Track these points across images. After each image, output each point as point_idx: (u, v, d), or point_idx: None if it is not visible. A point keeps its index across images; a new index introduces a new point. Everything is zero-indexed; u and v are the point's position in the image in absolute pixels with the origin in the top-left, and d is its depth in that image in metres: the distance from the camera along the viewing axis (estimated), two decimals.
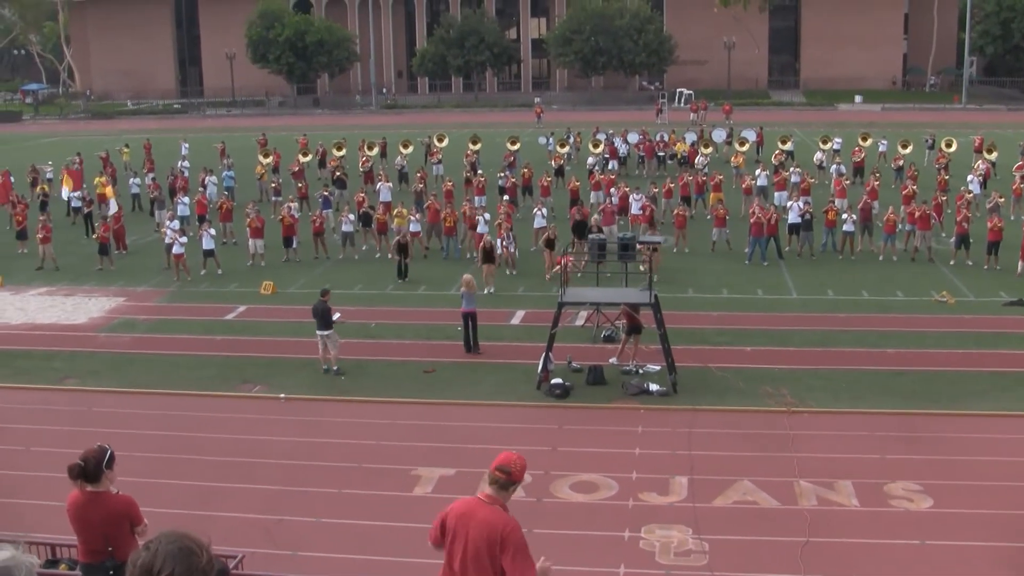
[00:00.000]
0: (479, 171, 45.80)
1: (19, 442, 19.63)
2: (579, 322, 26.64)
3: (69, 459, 9.44)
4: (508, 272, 32.13)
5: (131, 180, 46.60)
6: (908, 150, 48.97)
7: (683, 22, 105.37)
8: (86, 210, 40.86)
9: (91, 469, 9.25)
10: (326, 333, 23.35)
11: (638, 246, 25.26)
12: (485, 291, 29.52)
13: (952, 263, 32.35)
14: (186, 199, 39.89)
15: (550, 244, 31.38)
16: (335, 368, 23.50)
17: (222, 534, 14.44)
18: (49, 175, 48.94)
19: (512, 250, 32.72)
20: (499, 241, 31.52)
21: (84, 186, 43.79)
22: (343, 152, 51.63)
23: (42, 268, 34.07)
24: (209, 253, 32.93)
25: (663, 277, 29.88)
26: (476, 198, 39.52)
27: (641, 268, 25.97)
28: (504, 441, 19.02)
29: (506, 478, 7.90)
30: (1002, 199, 36.91)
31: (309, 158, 50.94)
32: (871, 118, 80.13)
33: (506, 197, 39.04)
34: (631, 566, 14.48)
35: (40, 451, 18.82)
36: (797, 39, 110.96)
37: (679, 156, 51.90)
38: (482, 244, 30.92)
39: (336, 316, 23.11)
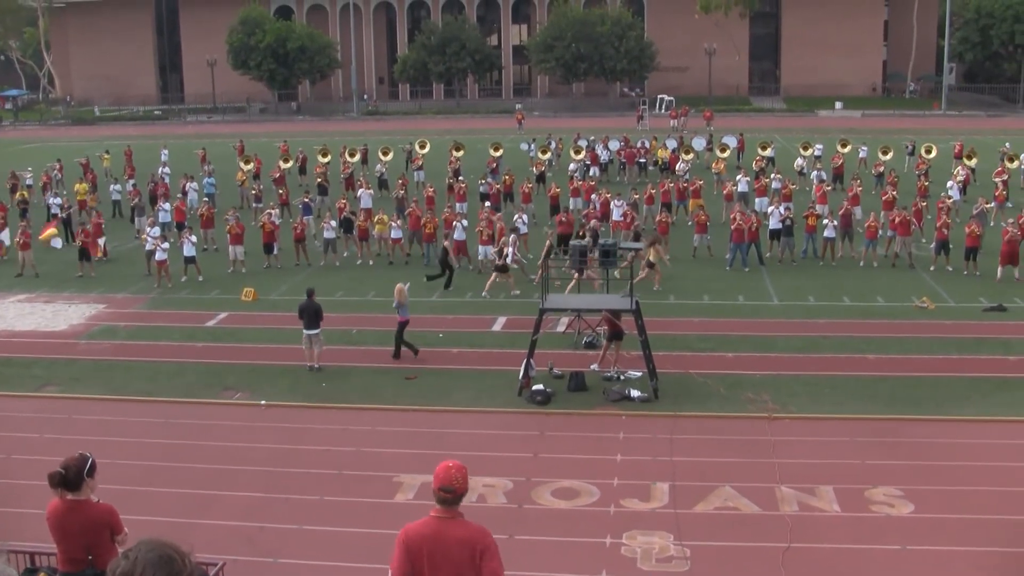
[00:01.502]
0: (460, 177, 45.86)
1: None
2: (560, 328, 26.65)
3: (49, 467, 9.39)
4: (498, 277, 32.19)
5: (112, 187, 46.44)
6: (888, 156, 49.23)
7: (664, 28, 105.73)
8: (63, 215, 40.76)
9: (72, 477, 9.21)
10: (314, 332, 23.53)
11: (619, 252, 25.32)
12: (512, 293, 30.32)
13: (932, 269, 32.49)
14: (167, 206, 39.76)
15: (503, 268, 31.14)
16: (317, 365, 23.70)
17: (204, 541, 14.39)
18: (29, 182, 48.76)
19: (492, 257, 32.74)
20: (510, 250, 31.23)
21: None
22: (328, 158, 51.59)
23: (21, 275, 33.90)
24: (190, 260, 32.82)
25: (645, 284, 29.92)
26: (457, 204, 39.52)
27: (618, 275, 26.00)
28: (486, 447, 19.06)
29: (452, 496, 7.78)
30: (988, 205, 37.13)
31: (290, 164, 50.86)
32: (851, 124, 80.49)
33: (488, 204, 39.05)
34: (613, 572, 14.48)
35: (20, 459, 18.72)
36: (778, 46, 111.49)
37: (660, 162, 52.07)
38: (502, 255, 30.88)
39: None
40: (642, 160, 52.66)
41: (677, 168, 48.34)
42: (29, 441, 19.91)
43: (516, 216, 35.92)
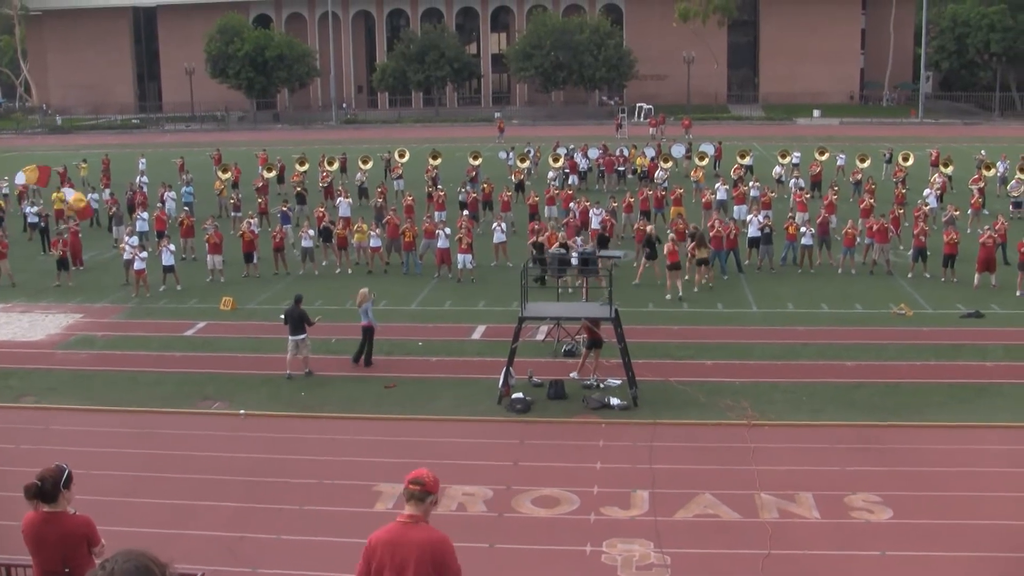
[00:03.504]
0: (439, 186, 45.85)
1: None
2: (540, 337, 26.65)
3: (26, 478, 9.32)
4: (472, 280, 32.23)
5: (89, 196, 46.21)
6: (866, 164, 49.39)
7: (643, 37, 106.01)
8: (42, 224, 40.60)
9: (48, 489, 9.13)
10: (300, 338, 23.70)
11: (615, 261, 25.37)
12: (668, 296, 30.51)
13: (910, 276, 32.63)
14: (145, 215, 39.62)
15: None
16: (306, 370, 23.87)
17: (183, 552, 14.33)
18: (5, 191, 48.49)
19: (471, 265, 32.96)
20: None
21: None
22: (306, 167, 51.51)
23: None
24: (169, 269, 32.68)
25: (623, 292, 29.97)
26: (436, 213, 39.50)
27: (603, 284, 26.05)
28: (466, 456, 19.03)
29: (420, 489, 8.10)
30: (957, 212, 37.36)
31: (273, 174, 50.74)
32: (829, 132, 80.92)
33: (466, 212, 39.06)
34: None
35: None
36: (756, 54, 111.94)
37: (639, 171, 52.18)
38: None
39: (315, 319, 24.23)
40: (621, 168, 52.74)
41: (656, 176, 48.45)
42: (5, 452, 19.78)
43: (494, 224, 35.95)
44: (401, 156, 54.91)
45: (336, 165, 53.62)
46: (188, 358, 25.88)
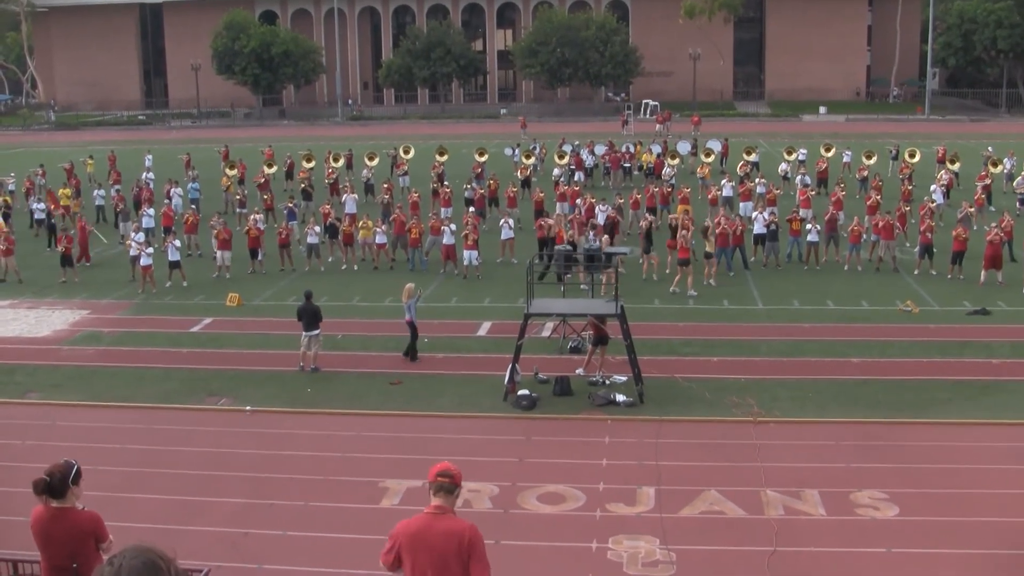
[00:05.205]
0: (445, 182, 45.86)
1: None
2: (545, 333, 26.66)
3: (33, 474, 9.34)
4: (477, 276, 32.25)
5: (95, 192, 46.26)
6: (872, 161, 49.32)
7: (649, 34, 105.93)
8: (51, 220, 40.63)
9: (56, 485, 9.15)
10: (314, 333, 23.88)
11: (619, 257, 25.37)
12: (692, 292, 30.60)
13: (916, 273, 32.59)
14: (151, 211, 39.66)
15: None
16: (313, 367, 23.97)
17: (189, 548, 14.36)
18: (11, 187, 48.53)
19: (477, 262, 32.98)
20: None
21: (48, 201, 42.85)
22: (312, 164, 51.50)
23: (4, 281, 33.74)
24: (175, 265, 32.72)
25: (629, 289, 29.94)
26: (442, 209, 39.49)
27: (604, 280, 26.04)
28: (471, 452, 19.04)
29: (450, 482, 8.29)
30: (972, 209, 37.27)
31: (275, 169, 50.73)
32: (835, 129, 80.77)
33: (472, 209, 39.05)
34: None
35: (3, 466, 18.61)
36: (762, 51, 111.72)
37: (645, 167, 52.16)
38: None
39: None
40: (627, 165, 52.71)
41: (663, 173, 48.42)
42: (11, 448, 19.83)
43: (502, 221, 35.95)
44: (406, 152, 54.85)
45: (342, 162, 53.56)
46: (194, 354, 25.91)
